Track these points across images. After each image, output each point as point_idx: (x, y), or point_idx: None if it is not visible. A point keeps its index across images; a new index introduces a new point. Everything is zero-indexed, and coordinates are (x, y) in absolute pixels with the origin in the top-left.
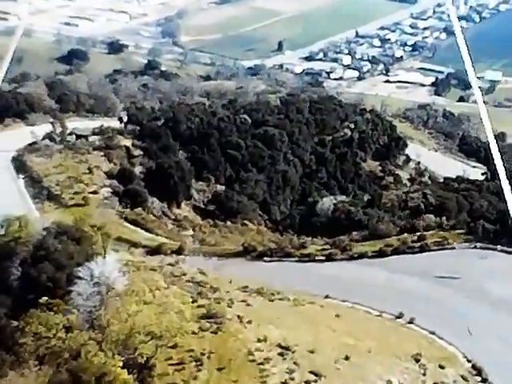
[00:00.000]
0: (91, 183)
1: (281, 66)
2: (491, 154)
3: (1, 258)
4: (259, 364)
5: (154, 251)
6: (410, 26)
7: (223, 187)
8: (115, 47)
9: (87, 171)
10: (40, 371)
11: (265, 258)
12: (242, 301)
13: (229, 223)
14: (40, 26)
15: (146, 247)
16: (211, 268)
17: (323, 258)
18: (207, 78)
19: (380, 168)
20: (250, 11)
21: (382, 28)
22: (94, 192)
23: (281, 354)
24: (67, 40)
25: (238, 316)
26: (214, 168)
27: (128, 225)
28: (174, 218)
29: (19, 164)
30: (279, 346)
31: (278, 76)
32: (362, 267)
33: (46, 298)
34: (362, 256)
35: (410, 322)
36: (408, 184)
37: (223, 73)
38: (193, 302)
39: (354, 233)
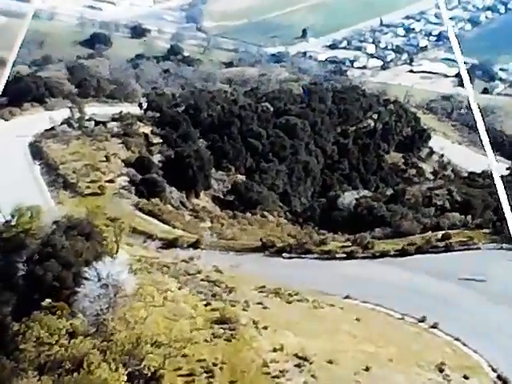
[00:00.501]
0: (108, 171)
1: (304, 54)
2: None
3: (9, 251)
4: (274, 377)
5: (169, 244)
6: (435, 15)
7: (243, 177)
8: (138, 31)
9: (104, 159)
10: (39, 382)
11: (284, 255)
12: (259, 303)
13: (248, 214)
14: (63, 9)
15: (161, 240)
16: (228, 265)
17: (344, 255)
18: (230, 64)
19: (403, 160)
20: None
21: (406, 17)
22: (111, 181)
23: (297, 366)
24: (90, 24)
25: (254, 321)
26: (235, 157)
27: (144, 216)
28: (192, 208)
29: (36, 150)
30: (296, 356)
31: (301, 64)
32: (384, 266)
33: (50, 300)
34: (384, 254)
35: (434, 327)
36: (431, 177)
37: (246, 59)
38: (206, 305)
39: (377, 230)
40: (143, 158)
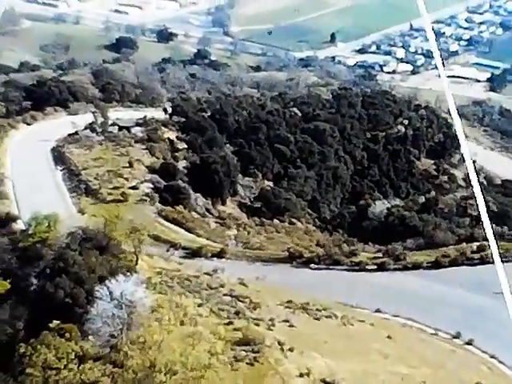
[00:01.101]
0: (131, 178)
1: (333, 58)
2: None
3: (25, 262)
4: None
5: (193, 253)
6: (466, 20)
7: (271, 183)
8: (164, 36)
9: (128, 165)
10: None
11: (311, 265)
12: (285, 320)
13: (276, 221)
14: (89, 13)
15: (185, 249)
16: (253, 277)
17: (375, 267)
18: (257, 68)
19: (434, 167)
20: (302, 2)
21: (436, 21)
22: (134, 187)
23: None
24: (116, 28)
25: (279, 342)
26: (262, 163)
27: (168, 223)
28: (217, 215)
29: (58, 155)
30: (324, 381)
31: (329, 68)
32: (417, 279)
33: (58, 321)
34: (416, 266)
35: (469, 344)
36: (463, 184)
37: (274, 64)
38: (228, 324)
39: (409, 240)
40: (168, 164)
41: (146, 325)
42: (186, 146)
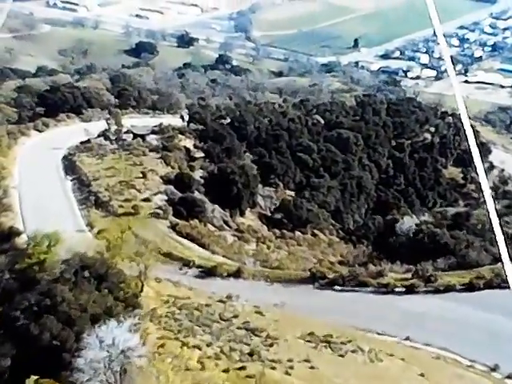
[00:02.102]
0: (144, 189)
1: (356, 64)
2: None
3: (21, 286)
4: None
5: (208, 272)
6: (490, 25)
7: (292, 193)
8: (185, 40)
9: (141, 175)
10: None
11: (336, 287)
12: (305, 360)
13: (297, 233)
14: (109, 18)
15: (199, 267)
16: (271, 303)
17: (403, 289)
18: (279, 74)
19: (461, 175)
20: (324, 7)
21: (461, 27)
22: (147, 199)
23: None
24: (136, 32)
25: None
26: (283, 173)
27: (181, 239)
28: (236, 227)
29: (69, 164)
30: None
31: (353, 74)
32: (449, 303)
33: (36, 377)
34: (448, 289)
35: (509, 377)
36: (491, 193)
37: (296, 69)
38: (240, 369)
39: (439, 260)
40: (183, 174)
41: (142, 376)
42: (203, 155)
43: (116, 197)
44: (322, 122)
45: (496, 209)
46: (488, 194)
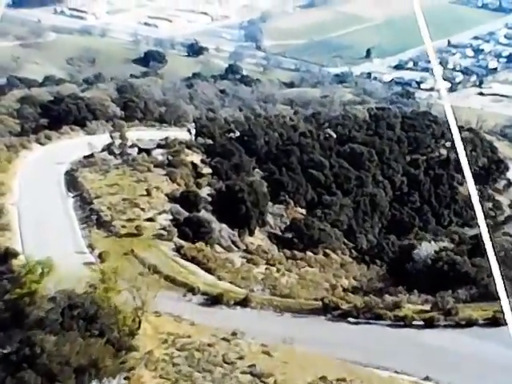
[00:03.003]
0: (148, 208)
1: (369, 75)
2: None
3: (7, 321)
4: None
5: (213, 301)
6: (505, 36)
7: (303, 211)
8: (194, 49)
9: (145, 193)
10: None
11: (349, 319)
12: None
13: (309, 254)
14: (117, 26)
15: (204, 294)
16: (280, 338)
17: (422, 323)
18: (291, 84)
19: (478, 193)
20: (336, 16)
21: (475, 38)
22: (151, 219)
23: None
24: (145, 41)
25: None
26: (294, 190)
27: (186, 263)
28: (244, 248)
29: (71, 180)
30: None
31: (365, 85)
32: (471, 339)
33: None
34: (470, 323)
35: None
36: (508, 211)
37: (308, 80)
38: None
39: (460, 291)
40: (189, 192)
41: None
42: (210, 171)
43: (118, 216)
44: (334, 136)
45: None
46: None
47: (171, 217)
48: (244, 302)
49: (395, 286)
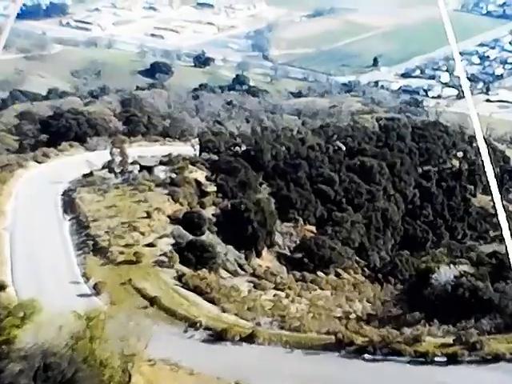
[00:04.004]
0: (149, 231)
1: (376, 83)
2: None
3: None
4: None
5: (217, 336)
6: (510, 42)
7: (313, 228)
8: (201, 60)
9: (145, 215)
10: None
11: (365, 356)
12: None
13: (320, 274)
14: (123, 37)
15: (207, 329)
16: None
17: (445, 358)
18: (298, 94)
19: (492, 204)
20: (343, 25)
21: (481, 45)
22: (151, 244)
23: None
24: (151, 52)
25: None
26: (303, 207)
27: (187, 293)
28: (252, 271)
29: (68, 201)
30: None
31: (373, 94)
32: (500, 375)
33: None
34: (497, 358)
35: None
36: None
37: (315, 89)
38: None
39: (484, 321)
40: (192, 213)
41: None
42: (215, 189)
43: (116, 241)
44: (344, 148)
45: None
46: None
47: (173, 241)
48: (250, 338)
49: (411, 310)
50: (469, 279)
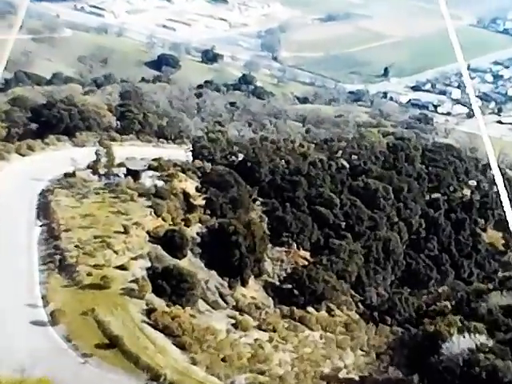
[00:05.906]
0: (123, 250)
1: (385, 94)
2: None
3: None
4: None
5: None
6: None
7: (307, 254)
8: (209, 56)
9: (122, 230)
10: None
11: None
12: None
13: (310, 310)
14: (134, 26)
15: None
16: None
17: None
18: (304, 100)
19: (503, 241)
20: (355, 31)
21: (495, 63)
22: (122, 267)
23: None
24: (160, 43)
25: None
26: (298, 230)
27: (155, 335)
28: (234, 304)
29: (44, 203)
30: None
31: (381, 105)
32: None
33: None
34: None
35: None
36: None
37: (322, 95)
38: None
39: None
40: (174, 231)
41: None
42: (204, 203)
43: (85, 259)
44: (348, 166)
45: None
46: None
47: (148, 263)
48: None
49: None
50: (487, 356)
